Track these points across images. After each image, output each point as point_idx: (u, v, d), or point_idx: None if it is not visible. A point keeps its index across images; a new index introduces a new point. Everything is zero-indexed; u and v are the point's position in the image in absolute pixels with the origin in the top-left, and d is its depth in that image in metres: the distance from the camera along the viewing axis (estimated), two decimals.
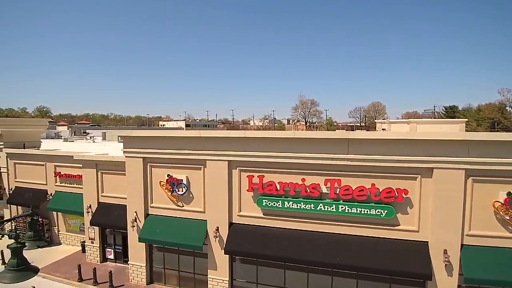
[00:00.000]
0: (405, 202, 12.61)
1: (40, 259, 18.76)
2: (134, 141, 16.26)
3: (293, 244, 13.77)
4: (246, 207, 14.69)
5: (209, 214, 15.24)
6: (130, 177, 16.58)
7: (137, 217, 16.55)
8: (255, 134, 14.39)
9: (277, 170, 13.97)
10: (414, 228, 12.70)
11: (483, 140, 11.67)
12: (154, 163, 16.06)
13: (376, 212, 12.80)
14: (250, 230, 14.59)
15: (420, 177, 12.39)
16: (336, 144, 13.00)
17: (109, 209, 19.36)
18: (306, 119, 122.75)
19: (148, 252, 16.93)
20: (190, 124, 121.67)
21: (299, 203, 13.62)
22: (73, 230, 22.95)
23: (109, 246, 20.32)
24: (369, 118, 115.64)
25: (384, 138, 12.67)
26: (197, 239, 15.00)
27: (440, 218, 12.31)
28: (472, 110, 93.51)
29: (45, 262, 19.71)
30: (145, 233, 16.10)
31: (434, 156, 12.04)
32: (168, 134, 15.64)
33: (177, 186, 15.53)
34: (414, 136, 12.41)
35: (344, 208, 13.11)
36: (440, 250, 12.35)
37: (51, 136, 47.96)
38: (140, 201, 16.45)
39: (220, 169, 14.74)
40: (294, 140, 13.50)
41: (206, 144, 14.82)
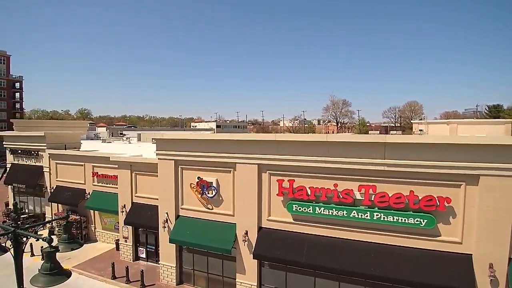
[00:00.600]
0: (447, 211, 11.72)
1: (78, 255, 19.68)
2: (166, 144, 16.54)
3: (323, 252, 13.30)
4: (275, 212, 14.42)
5: (238, 217, 15.14)
6: (162, 178, 16.88)
7: (168, 218, 16.82)
8: (286, 138, 14.07)
9: (308, 174, 13.57)
10: (457, 239, 11.78)
11: None
12: (185, 166, 16.23)
13: (414, 221, 12.01)
14: (279, 235, 14.30)
15: (465, 184, 11.46)
16: (372, 148, 12.37)
17: (142, 209, 19.88)
18: (338, 120, 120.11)
19: (178, 252, 17.15)
20: (221, 125, 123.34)
21: (330, 209, 13.13)
22: (109, 228, 23.84)
23: (142, 245, 20.86)
24: (404, 118, 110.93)
25: (424, 142, 11.84)
26: (226, 242, 14.94)
27: (486, 230, 11.32)
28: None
29: (82, 258, 20.61)
30: (176, 234, 16.31)
31: (481, 162, 11.09)
32: (199, 137, 15.74)
33: (207, 188, 15.58)
34: (458, 140, 11.48)
35: (379, 216, 12.45)
36: (485, 264, 11.35)
37: (90, 137, 50.41)
38: (171, 202, 16.70)
39: (250, 173, 14.58)
40: (326, 144, 13.04)
41: (236, 147, 14.73)
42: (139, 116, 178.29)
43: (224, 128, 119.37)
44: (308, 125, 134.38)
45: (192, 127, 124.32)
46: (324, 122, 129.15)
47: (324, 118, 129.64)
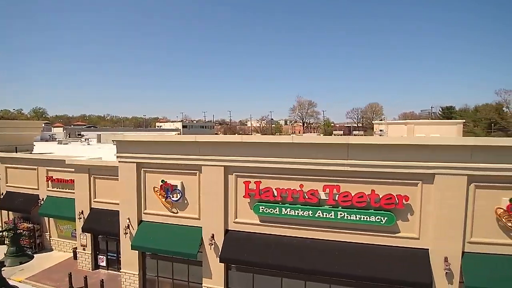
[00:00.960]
0: (406, 208, 12.26)
1: (31, 266, 18.29)
2: (127, 146, 15.81)
3: (290, 252, 13.38)
4: (242, 214, 14.29)
5: (204, 221, 14.82)
6: (123, 182, 16.13)
7: (130, 224, 16.10)
8: (252, 139, 14.00)
9: (274, 175, 13.58)
10: (415, 235, 12.35)
11: (486, 145, 11.34)
12: (148, 168, 15.62)
13: (376, 219, 12.44)
14: (246, 237, 14.19)
15: (422, 183, 12.05)
16: (336, 149, 12.63)
17: (101, 215, 18.91)
18: (304, 120, 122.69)
19: (141, 259, 16.48)
20: (187, 125, 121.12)
21: (297, 209, 13.24)
22: (65, 236, 22.46)
23: (102, 253, 19.88)
24: (366, 119, 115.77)
25: (384, 143, 12.30)
26: (192, 246, 14.57)
27: (441, 225, 11.97)
28: (469, 110, 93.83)
29: (37, 269, 19.25)
30: (138, 240, 15.65)
31: (436, 161, 11.71)
32: (163, 138, 15.22)
33: (172, 192, 15.10)
34: (416, 141, 12.05)
35: (343, 215, 12.74)
36: (440, 258, 12.00)
37: (45, 138, 47.26)
38: (133, 207, 16.00)
39: (216, 175, 14.33)
40: (292, 145, 13.12)
41: (201, 149, 14.41)
42: (100, 115, 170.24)
43: (190, 129, 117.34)
44: (275, 125, 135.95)
45: (157, 127, 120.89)
46: (291, 123, 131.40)
47: (290, 119, 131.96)
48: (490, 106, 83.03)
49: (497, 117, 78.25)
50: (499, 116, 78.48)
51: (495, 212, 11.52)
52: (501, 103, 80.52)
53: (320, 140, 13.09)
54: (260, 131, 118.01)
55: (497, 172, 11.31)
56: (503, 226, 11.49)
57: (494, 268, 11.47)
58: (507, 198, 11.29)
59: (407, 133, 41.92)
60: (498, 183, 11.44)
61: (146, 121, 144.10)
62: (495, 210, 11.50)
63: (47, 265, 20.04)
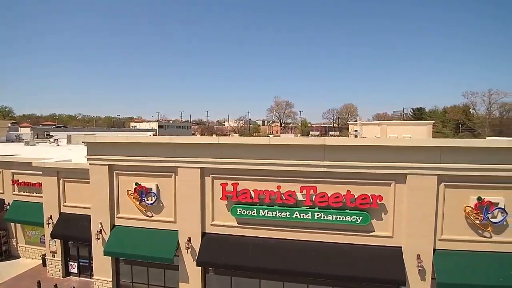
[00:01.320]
0: (380, 208, 12.55)
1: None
2: (99, 147, 15.21)
3: (268, 253, 13.36)
4: (219, 216, 14.11)
5: (180, 224, 14.50)
6: (95, 186, 15.50)
7: (102, 229, 15.50)
8: (229, 140, 13.87)
9: (251, 177, 13.51)
10: (389, 234, 12.67)
11: (455, 146, 11.81)
12: (121, 171, 15.10)
13: (351, 218, 12.65)
14: (224, 240, 14.02)
15: (394, 183, 12.38)
16: (312, 150, 12.73)
17: (72, 219, 18.12)
18: (281, 120, 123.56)
19: (115, 265, 15.92)
20: (163, 125, 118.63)
21: (274, 211, 13.23)
22: (33, 242, 21.36)
23: (73, 259, 19.05)
24: (342, 119, 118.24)
25: (359, 144, 12.54)
26: (168, 251, 14.22)
27: (413, 224, 12.35)
28: (438, 112, 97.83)
29: (4, 277, 18.32)
30: (111, 245, 15.09)
31: (408, 162, 12.06)
32: (136, 140, 14.78)
33: (146, 195, 14.67)
34: (388, 142, 12.40)
35: (320, 215, 12.87)
36: (413, 256, 12.38)
37: (11, 139, 44.73)
38: (106, 211, 15.42)
39: (192, 177, 14.06)
40: (269, 147, 13.10)
41: (177, 151, 14.09)
42: (71, 115, 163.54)
43: (167, 129, 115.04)
44: (253, 125, 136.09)
45: (132, 127, 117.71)
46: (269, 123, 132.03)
47: (268, 119, 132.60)
48: (457, 108, 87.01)
49: (464, 118, 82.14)
50: (466, 117, 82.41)
51: (464, 210, 12.02)
52: (468, 105, 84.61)
53: (297, 142, 13.14)
54: (238, 131, 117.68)
55: (465, 172, 11.80)
56: (471, 223, 12.01)
57: (463, 264, 11.97)
58: (475, 197, 11.81)
59: (380, 133, 43.22)
60: (466, 183, 11.94)
61: (120, 121, 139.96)
62: (464, 209, 12.00)
63: (14, 273, 18.97)
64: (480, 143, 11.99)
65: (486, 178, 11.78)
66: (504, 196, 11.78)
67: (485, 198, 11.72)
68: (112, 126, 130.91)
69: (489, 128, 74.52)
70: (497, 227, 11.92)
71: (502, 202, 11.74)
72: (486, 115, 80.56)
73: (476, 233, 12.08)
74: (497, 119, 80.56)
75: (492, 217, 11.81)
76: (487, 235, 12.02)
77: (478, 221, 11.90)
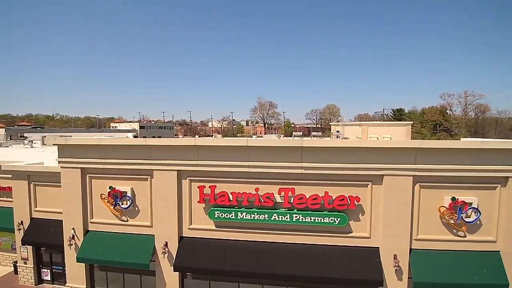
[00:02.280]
0: (358, 209, 12.59)
1: None
2: (71, 150, 14.62)
3: (246, 257, 13.16)
4: (197, 220, 13.81)
5: (157, 228, 14.10)
6: (67, 189, 14.89)
7: (75, 234, 14.90)
8: (206, 142, 13.59)
9: (229, 179, 13.29)
10: (366, 234, 12.73)
11: (429, 147, 11.97)
12: (94, 174, 14.55)
13: (329, 220, 12.63)
14: (202, 244, 13.73)
15: (371, 184, 12.44)
16: (290, 152, 12.64)
17: (44, 225, 17.32)
18: (265, 121, 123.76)
19: (89, 272, 15.34)
20: (145, 126, 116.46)
21: (252, 213, 13.05)
22: (4, 248, 20.35)
23: (46, 266, 18.24)
24: (324, 120, 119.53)
25: (336, 146, 12.55)
26: (144, 256, 13.80)
27: (390, 224, 12.45)
28: (416, 112, 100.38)
29: None
30: (85, 251, 14.52)
31: (384, 163, 12.15)
32: (110, 142, 14.25)
33: (121, 199, 14.19)
34: (365, 144, 12.46)
35: (298, 217, 12.79)
36: (390, 256, 12.48)
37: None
38: (78, 216, 14.83)
39: (169, 180, 13.70)
40: (246, 148, 12.91)
41: (153, 153, 13.70)
42: (48, 115, 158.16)
43: (148, 129, 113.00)
44: (237, 126, 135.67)
45: (112, 128, 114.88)
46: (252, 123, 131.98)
47: (252, 119, 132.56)
48: (435, 109, 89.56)
49: (441, 119, 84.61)
50: (443, 118, 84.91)
51: (438, 210, 12.20)
52: (445, 106, 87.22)
53: (275, 143, 13.02)
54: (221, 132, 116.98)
55: (440, 172, 11.99)
56: (446, 223, 12.22)
57: (439, 263, 12.15)
58: (449, 197, 12.01)
59: (361, 133, 43.80)
60: (440, 183, 12.13)
61: (100, 121, 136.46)
62: (439, 209, 12.19)
63: None
64: (453, 144, 12.24)
65: (460, 179, 12.02)
66: (477, 196, 12.04)
67: (459, 198, 11.94)
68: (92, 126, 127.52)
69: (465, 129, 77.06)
70: (471, 227, 12.17)
71: (475, 202, 12.00)
72: (462, 116, 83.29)
73: (451, 232, 12.30)
74: (472, 120, 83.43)
75: (466, 217, 12.05)
76: (462, 234, 12.25)
77: (452, 220, 12.11)
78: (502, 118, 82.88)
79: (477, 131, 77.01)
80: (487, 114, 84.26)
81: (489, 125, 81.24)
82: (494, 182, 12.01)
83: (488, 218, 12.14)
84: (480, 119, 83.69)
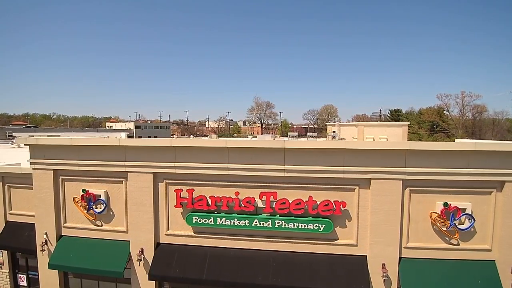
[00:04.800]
0: (343, 215, 11.80)
1: None
2: (42, 150, 13.79)
3: (226, 265, 12.37)
4: (174, 225, 13.01)
5: (132, 234, 13.29)
6: (39, 192, 14.08)
7: (47, 239, 14.09)
8: (183, 143, 12.79)
9: (208, 183, 12.50)
10: (353, 242, 11.95)
11: (420, 149, 11.21)
12: (67, 176, 13.74)
13: (314, 226, 11.85)
14: (179, 250, 12.92)
15: (358, 188, 11.66)
16: (272, 153, 11.85)
17: (19, 229, 16.48)
18: (262, 121, 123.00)
19: (63, 279, 14.52)
20: (141, 126, 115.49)
21: (232, 219, 12.26)
22: None
23: (22, 272, 17.44)
24: (322, 120, 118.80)
25: (320, 147, 11.74)
26: (118, 263, 12.99)
27: (378, 231, 11.68)
28: (414, 113, 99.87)
29: None
30: (57, 258, 13.71)
31: (372, 166, 11.38)
32: (83, 142, 13.43)
33: (94, 202, 13.38)
34: (351, 145, 11.64)
35: (280, 223, 12.00)
36: (378, 265, 11.71)
37: None
38: (51, 220, 14.01)
39: (144, 183, 12.90)
40: (226, 150, 12.12)
41: (128, 154, 12.90)
42: (45, 114, 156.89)
43: (144, 129, 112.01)
44: (234, 126, 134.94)
45: (108, 127, 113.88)
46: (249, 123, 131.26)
47: (249, 119, 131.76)
48: (432, 109, 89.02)
49: (438, 119, 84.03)
50: (440, 118, 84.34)
51: (430, 216, 11.45)
52: (442, 107, 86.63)
53: (255, 145, 12.21)
54: (218, 132, 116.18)
55: (431, 176, 11.23)
56: (438, 230, 11.46)
57: (430, 272, 11.39)
58: (441, 202, 11.24)
59: (357, 134, 43.12)
60: (432, 187, 11.37)
61: (96, 121, 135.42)
62: (430, 215, 11.43)
63: None
64: (445, 146, 11.46)
65: (453, 183, 11.24)
66: (471, 201, 11.28)
67: (451, 203, 11.17)
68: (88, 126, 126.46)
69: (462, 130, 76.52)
70: (464, 234, 11.41)
71: (469, 208, 11.23)
72: (459, 117, 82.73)
73: (443, 240, 11.53)
74: (470, 121, 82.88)
75: (459, 224, 11.28)
76: (454, 242, 11.49)
77: (444, 227, 11.35)
78: (499, 119, 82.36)
79: (474, 132, 76.42)
80: (484, 115, 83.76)
81: (486, 126, 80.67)
82: (489, 187, 11.24)
83: (483, 225, 11.39)
84: (477, 120, 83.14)
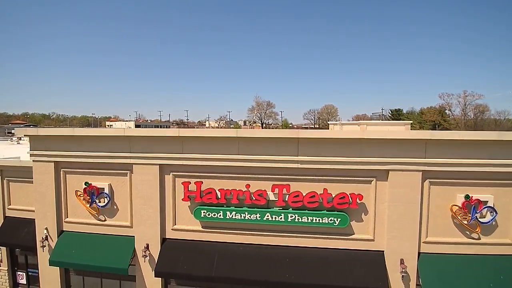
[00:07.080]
0: (360, 208, 11.27)
1: None
2: (43, 142, 13.23)
3: (236, 261, 11.82)
4: (182, 220, 12.45)
5: (137, 229, 12.73)
6: (39, 185, 13.51)
7: (48, 235, 13.53)
8: (192, 133, 12.25)
9: (217, 175, 11.95)
10: (370, 236, 11.42)
11: (440, 139, 10.66)
12: (68, 169, 13.18)
13: (328, 220, 11.31)
14: (186, 246, 12.37)
15: (375, 180, 11.12)
16: (285, 144, 11.31)
17: (19, 225, 15.87)
18: (262, 121, 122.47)
19: (64, 277, 13.95)
20: (141, 125, 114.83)
21: (243, 213, 11.71)
22: None
23: (21, 269, 16.85)
24: (322, 120, 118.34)
25: (336, 137, 11.21)
26: (122, 260, 12.42)
27: (395, 225, 11.14)
28: (415, 113, 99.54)
29: None
30: (58, 254, 13.13)
31: (390, 157, 10.85)
32: (85, 132, 12.88)
33: (98, 196, 12.82)
34: (369, 135, 11.07)
35: (293, 217, 11.46)
36: (396, 260, 11.17)
37: None
38: (52, 215, 13.45)
39: (150, 175, 12.35)
40: (236, 140, 11.58)
41: (132, 145, 12.35)
42: (44, 114, 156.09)
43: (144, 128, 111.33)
44: (234, 125, 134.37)
45: (107, 126, 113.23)
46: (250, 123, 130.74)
47: (249, 119, 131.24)
48: (434, 109, 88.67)
49: (440, 119, 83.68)
50: (442, 118, 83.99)
51: (450, 209, 10.92)
52: (443, 106, 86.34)
53: (268, 134, 11.68)
54: None
55: (452, 167, 10.72)
56: (459, 224, 10.94)
57: (450, 268, 10.87)
58: (462, 195, 10.72)
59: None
60: (453, 179, 10.85)
61: (95, 120, 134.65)
62: (451, 208, 10.91)
63: None
64: (468, 135, 10.88)
65: (475, 174, 10.73)
66: (493, 193, 10.76)
67: (473, 196, 10.64)
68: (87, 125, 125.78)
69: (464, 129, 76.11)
70: (486, 228, 10.89)
71: (491, 200, 10.71)
72: (461, 116, 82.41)
73: (464, 234, 11.01)
74: (471, 121, 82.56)
75: (480, 217, 10.76)
76: (476, 236, 10.98)
77: (466, 221, 10.82)
78: (501, 119, 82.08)
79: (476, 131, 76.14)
80: (486, 115, 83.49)
81: (488, 126, 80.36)
82: None
83: (505, 219, 10.88)
84: (479, 120, 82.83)
